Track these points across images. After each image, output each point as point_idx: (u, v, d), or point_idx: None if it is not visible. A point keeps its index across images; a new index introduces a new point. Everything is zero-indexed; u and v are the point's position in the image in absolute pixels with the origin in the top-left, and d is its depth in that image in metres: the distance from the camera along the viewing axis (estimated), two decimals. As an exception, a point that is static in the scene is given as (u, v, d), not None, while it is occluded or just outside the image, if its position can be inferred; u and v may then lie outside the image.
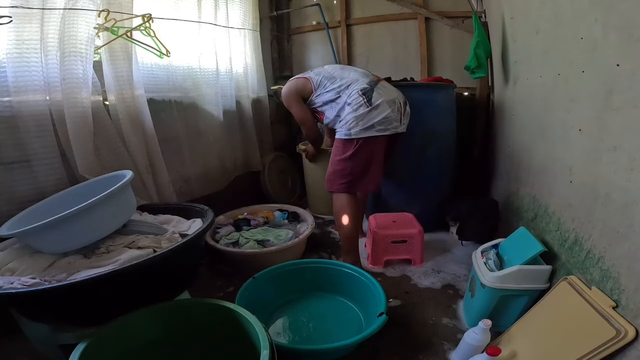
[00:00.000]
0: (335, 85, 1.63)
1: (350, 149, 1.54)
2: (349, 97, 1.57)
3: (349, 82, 1.61)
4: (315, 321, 1.34)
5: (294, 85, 1.75)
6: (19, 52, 1.21)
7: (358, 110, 1.52)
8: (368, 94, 1.53)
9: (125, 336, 0.93)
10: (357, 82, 1.59)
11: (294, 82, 1.76)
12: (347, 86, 1.60)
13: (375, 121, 1.51)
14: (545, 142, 1.40)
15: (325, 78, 1.68)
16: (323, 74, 1.69)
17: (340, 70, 1.70)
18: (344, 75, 1.65)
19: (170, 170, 1.79)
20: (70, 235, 1.00)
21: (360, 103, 1.52)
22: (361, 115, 1.51)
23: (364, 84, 1.57)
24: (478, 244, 1.44)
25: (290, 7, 2.80)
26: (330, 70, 1.70)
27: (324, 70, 1.73)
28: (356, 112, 1.52)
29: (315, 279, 1.45)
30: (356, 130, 1.51)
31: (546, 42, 1.38)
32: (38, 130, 1.28)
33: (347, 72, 1.67)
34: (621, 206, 0.88)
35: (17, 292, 0.83)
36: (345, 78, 1.63)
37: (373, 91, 1.55)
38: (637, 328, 0.78)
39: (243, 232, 1.80)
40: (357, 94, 1.54)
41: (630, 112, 0.86)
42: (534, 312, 1.10)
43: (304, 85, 1.73)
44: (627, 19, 0.86)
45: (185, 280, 1.20)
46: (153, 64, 1.72)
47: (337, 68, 1.73)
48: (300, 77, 1.77)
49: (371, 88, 1.56)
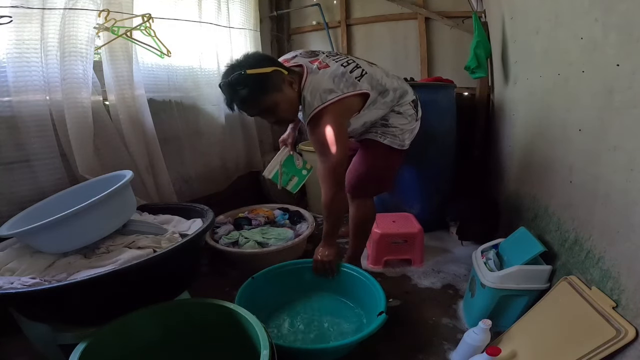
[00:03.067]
0: (389, 99, 1.33)
1: (400, 158, 1.47)
2: (399, 106, 1.37)
3: (401, 94, 1.37)
4: (315, 321, 1.34)
5: (349, 109, 1.23)
6: (19, 52, 1.21)
7: (412, 123, 1.42)
8: (417, 107, 1.45)
9: (125, 336, 0.93)
10: (407, 94, 1.40)
11: (348, 103, 1.20)
12: (399, 97, 1.37)
13: (415, 133, 1.47)
14: (545, 142, 1.40)
15: (377, 92, 1.28)
16: (376, 87, 1.27)
17: (386, 77, 1.34)
18: (393, 84, 1.35)
19: (170, 170, 1.79)
20: (70, 235, 1.00)
21: (413, 116, 1.41)
22: (413, 128, 1.44)
23: (413, 96, 1.44)
24: (478, 244, 1.44)
25: (290, 7, 2.80)
26: (379, 79, 1.29)
27: (373, 79, 1.27)
28: (410, 124, 1.41)
29: (315, 278, 1.45)
30: (409, 142, 1.44)
31: (546, 42, 1.38)
32: (38, 130, 1.28)
33: (392, 78, 1.38)
34: (621, 206, 0.88)
35: (17, 292, 0.83)
36: (397, 89, 1.35)
37: (418, 105, 1.47)
38: (637, 328, 0.78)
39: (243, 231, 1.80)
40: (408, 105, 1.40)
41: (630, 112, 0.86)
42: (534, 312, 1.10)
43: (358, 106, 1.26)
44: (627, 19, 0.86)
45: (185, 280, 1.20)
46: (153, 64, 1.72)
47: (381, 73, 1.33)
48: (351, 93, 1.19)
49: (417, 100, 1.47)
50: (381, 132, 1.40)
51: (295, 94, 1.21)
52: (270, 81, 1.14)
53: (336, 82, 1.18)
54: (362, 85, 1.22)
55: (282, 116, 1.23)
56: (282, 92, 1.17)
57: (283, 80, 1.17)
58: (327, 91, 1.16)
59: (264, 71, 1.12)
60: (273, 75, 1.14)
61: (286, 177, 1.60)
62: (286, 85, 1.18)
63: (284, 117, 1.25)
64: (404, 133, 1.41)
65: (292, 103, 1.21)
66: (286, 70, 1.18)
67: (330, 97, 1.16)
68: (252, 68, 1.11)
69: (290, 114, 1.26)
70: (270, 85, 1.14)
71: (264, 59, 1.19)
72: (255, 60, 1.15)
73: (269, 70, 1.13)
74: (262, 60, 1.16)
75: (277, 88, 1.15)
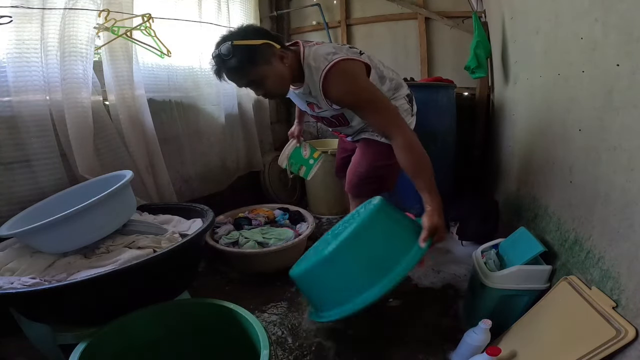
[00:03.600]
0: (385, 89, 1.31)
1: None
2: (394, 100, 1.34)
3: (396, 85, 1.35)
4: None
5: (361, 67, 1.19)
6: (19, 52, 1.21)
7: (407, 119, 1.34)
8: (412, 102, 1.41)
9: (125, 336, 0.93)
10: (402, 87, 1.38)
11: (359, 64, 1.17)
12: (395, 89, 1.35)
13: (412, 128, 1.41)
14: (545, 142, 1.40)
15: (377, 74, 1.26)
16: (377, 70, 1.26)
17: (382, 66, 1.33)
18: (390, 74, 1.34)
19: (170, 170, 1.79)
20: (70, 235, 1.00)
21: (408, 110, 1.38)
22: (409, 123, 1.35)
23: (407, 90, 1.40)
24: (478, 244, 1.44)
25: (290, 7, 2.80)
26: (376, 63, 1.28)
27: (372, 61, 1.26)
28: (405, 119, 1.30)
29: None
30: None
31: (546, 42, 1.38)
32: (38, 130, 1.28)
33: (389, 70, 1.36)
34: (621, 206, 0.88)
35: (17, 292, 0.83)
36: (393, 79, 1.35)
37: (413, 99, 1.43)
38: (637, 328, 0.78)
39: (243, 231, 1.80)
40: (403, 99, 1.36)
41: (630, 112, 0.86)
42: (534, 312, 1.10)
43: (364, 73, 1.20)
44: (627, 19, 0.86)
45: (185, 280, 1.20)
46: (153, 64, 1.72)
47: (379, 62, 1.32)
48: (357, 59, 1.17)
49: (411, 94, 1.42)
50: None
51: (287, 69, 1.17)
52: (259, 53, 1.10)
53: (337, 49, 1.17)
54: (364, 58, 1.20)
55: (270, 89, 1.18)
56: (271, 65, 1.13)
57: (274, 54, 1.13)
58: (331, 53, 1.13)
59: (252, 43, 1.09)
60: (262, 47, 1.10)
61: (295, 167, 1.75)
62: (276, 59, 1.14)
63: (272, 91, 1.20)
64: None
65: (282, 77, 1.17)
66: (279, 45, 1.15)
67: (336, 57, 1.12)
68: (242, 39, 1.09)
69: (278, 88, 1.20)
70: (258, 57, 1.10)
71: (256, 31, 1.16)
72: (245, 32, 1.13)
73: (259, 43, 1.10)
74: (253, 33, 1.14)
75: (266, 61, 1.12)
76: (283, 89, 1.23)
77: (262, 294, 1.55)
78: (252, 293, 1.56)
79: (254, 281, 1.65)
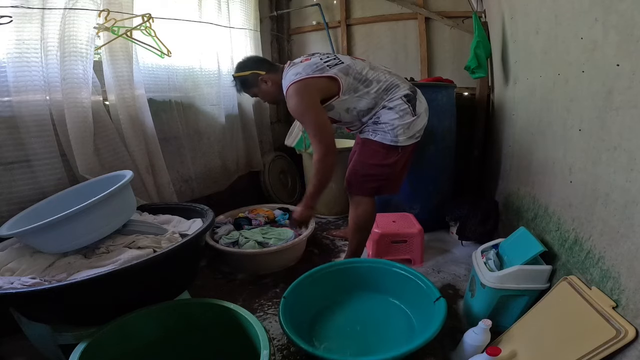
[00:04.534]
0: (373, 90, 1.41)
1: (394, 156, 1.44)
2: (389, 101, 1.42)
3: (388, 86, 1.43)
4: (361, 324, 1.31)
5: (313, 84, 1.37)
6: (19, 52, 1.21)
7: (404, 118, 1.40)
8: (412, 102, 1.43)
9: (125, 336, 0.93)
10: (398, 88, 1.43)
11: (312, 81, 1.37)
12: (385, 90, 1.43)
13: (416, 130, 1.45)
14: (545, 142, 1.39)
15: (357, 80, 1.41)
16: (353, 74, 1.41)
17: (371, 70, 1.45)
18: (379, 75, 1.44)
19: (170, 170, 1.79)
20: (70, 235, 1.00)
21: (405, 110, 1.41)
22: (408, 123, 1.41)
23: (406, 90, 1.44)
24: (478, 244, 1.44)
25: (290, 7, 2.80)
26: (360, 70, 1.43)
27: (351, 69, 1.41)
28: (402, 119, 1.40)
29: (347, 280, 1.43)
30: (404, 138, 1.41)
31: (546, 42, 1.38)
32: (38, 130, 1.28)
33: (381, 72, 1.46)
34: (621, 206, 0.88)
35: (17, 292, 0.83)
36: (382, 80, 1.43)
37: (416, 99, 1.45)
38: (637, 328, 0.78)
39: (243, 231, 1.80)
40: (400, 100, 1.41)
41: (630, 112, 0.86)
42: (534, 312, 1.10)
43: (327, 86, 1.39)
44: (627, 19, 0.86)
45: (185, 280, 1.20)
46: (153, 64, 1.72)
47: (365, 66, 1.45)
48: (318, 75, 1.37)
49: (414, 95, 1.45)
50: (372, 130, 1.46)
51: (271, 88, 1.53)
52: (248, 81, 1.56)
53: (304, 68, 1.40)
54: (331, 71, 1.40)
55: (265, 100, 1.66)
56: (259, 87, 1.55)
57: (259, 79, 1.53)
58: (293, 74, 1.40)
59: (242, 74, 1.55)
60: (250, 76, 1.54)
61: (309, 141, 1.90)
62: (261, 82, 1.53)
63: (266, 101, 1.67)
64: (396, 129, 1.40)
65: (268, 93, 1.56)
66: (265, 71, 1.53)
67: (295, 78, 1.38)
68: (238, 72, 1.57)
69: (270, 100, 1.62)
70: (248, 84, 1.57)
71: (246, 65, 1.57)
72: (240, 66, 1.59)
73: (247, 74, 1.54)
74: (245, 66, 1.57)
75: (254, 85, 1.55)
76: (273, 99, 1.60)
77: (262, 294, 1.55)
78: (252, 293, 1.56)
79: (254, 281, 1.65)
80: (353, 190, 1.54)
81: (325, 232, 2.18)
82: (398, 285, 1.38)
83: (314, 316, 1.32)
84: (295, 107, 1.38)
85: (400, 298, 1.39)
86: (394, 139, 1.42)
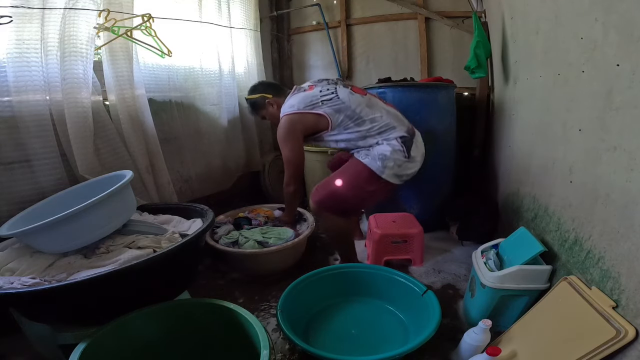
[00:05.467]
0: (363, 129, 1.45)
1: (375, 185, 1.45)
2: (384, 140, 1.45)
3: (381, 127, 1.46)
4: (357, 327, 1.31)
5: (300, 121, 1.47)
6: (19, 52, 1.21)
7: (396, 154, 1.43)
8: (407, 144, 1.45)
9: (125, 336, 0.93)
10: (394, 130, 1.46)
11: (300, 117, 1.47)
12: (379, 132, 1.46)
13: (405, 173, 1.46)
14: (545, 142, 1.39)
15: (349, 118, 1.46)
16: (345, 112, 1.45)
17: (367, 108, 1.47)
18: (375, 116, 1.46)
19: (170, 170, 1.79)
20: (70, 235, 1.00)
21: (398, 149, 1.43)
22: (399, 161, 1.43)
23: (403, 132, 1.46)
24: (478, 244, 1.44)
25: (290, 7, 2.80)
26: (354, 108, 1.46)
27: (345, 106, 1.46)
28: (394, 154, 1.42)
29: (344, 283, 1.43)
30: (390, 172, 1.43)
31: (546, 42, 1.38)
32: (38, 130, 1.28)
33: (378, 111, 1.48)
34: (621, 206, 0.88)
35: (17, 292, 0.83)
36: (377, 121, 1.46)
37: (412, 143, 1.48)
38: (637, 328, 0.78)
39: (243, 231, 1.80)
40: (395, 140, 1.44)
41: (630, 112, 0.86)
42: (534, 312, 1.10)
43: (315, 123, 1.48)
44: (627, 19, 0.86)
45: (185, 280, 1.20)
46: (154, 63, 1.72)
47: (362, 104, 1.48)
48: (307, 111, 1.46)
49: (410, 138, 1.48)
50: (365, 153, 1.49)
51: (276, 111, 1.64)
52: (256, 104, 1.71)
53: (299, 101, 1.51)
54: (321, 108, 1.48)
55: (272, 122, 1.72)
56: (265, 109, 1.70)
57: (267, 103, 1.67)
58: (288, 106, 1.53)
59: (252, 97, 1.72)
60: (258, 99, 1.69)
61: None
62: (268, 105, 1.68)
63: (273, 123, 1.71)
64: (386, 160, 1.42)
65: (274, 116, 1.67)
66: (272, 95, 1.67)
67: (288, 110, 1.51)
68: (249, 94, 1.74)
69: (275, 122, 1.65)
70: (257, 106, 1.72)
71: (256, 88, 1.73)
72: (251, 89, 1.75)
73: (256, 97, 1.69)
74: (255, 89, 1.73)
75: (262, 107, 1.70)
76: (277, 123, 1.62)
77: (262, 294, 1.55)
78: (252, 293, 1.56)
79: (254, 281, 1.65)
80: (318, 207, 1.48)
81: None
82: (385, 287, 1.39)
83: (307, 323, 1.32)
84: (279, 136, 1.53)
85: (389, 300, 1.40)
86: (380, 168, 1.43)
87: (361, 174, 1.45)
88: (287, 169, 1.55)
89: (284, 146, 1.52)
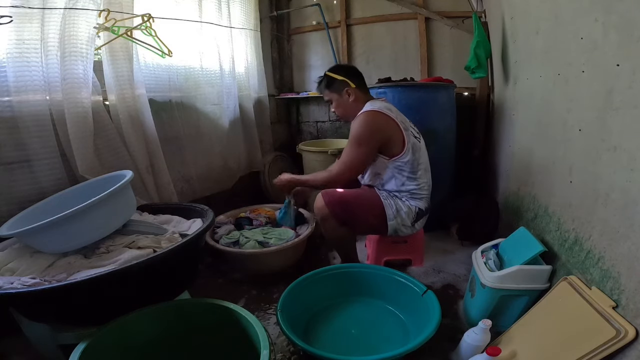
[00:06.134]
0: (409, 183, 1.48)
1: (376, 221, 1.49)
2: (409, 199, 1.49)
3: (417, 194, 1.50)
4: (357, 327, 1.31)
5: (389, 126, 1.42)
6: (19, 52, 1.21)
7: (408, 217, 1.48)
8: (419, 217, 1.52)
9: (125, 336, 0.93)
10: (421, 201, 1.51)
11: (391, 125, 1.42)
12: (412, 195, 1.50)
13: (399, 232, 1.51)
14: (546, 142, 1.39)
15: (411, 164, 1.45)
16: (417, 158, 1.46)
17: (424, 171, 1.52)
18: (423, 182, 1.51)
19: (171, 170, 1.79)
20: (70, 235, 1.00)
21: (412, 215, 1.49)
22: (405, 221, 1.49)
23: (426, 205, 1.53)
24: (478, 244, 1.44)
25: (290, 7, 2.80)
26: (421, 162, 1.50)
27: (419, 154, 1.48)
28: (407, 215, 1.48)
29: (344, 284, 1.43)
30: (392, 223, 1.48)
31: (546, 42, 1.38)
32: (38, 130, 1.28)
33: (427, 178, 1.54)
34: (621, 206, 0.88)
35: (17, 292, 0.83)
36: (420, 187, 1.50)
37: (423, 217, 1.54)
38: (637, 328, 0.78)
39: (244, 231, 1.80)
40: (416, 207, 1.50)
41: (630, 112, 0.86)
42: (534, 312, 1.10)
43: (391, 137, 1.43)
44: (627, 19, 0.86)
45: (185, 280, 1.20)
46: (154, 63, 1.72)
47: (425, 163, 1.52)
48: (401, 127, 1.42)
49: (424, 214, 1.54)
50: (386, 195, 1.51)
51: (349, 103, 1.53)
52: (335, 84, 1.54)
53: (397, 112, 1.47)
54: (408, 136, 1.44)
55: (337, 110, 1.59)
56: (339, 94, 1.54)
57: (344, 88, 1.52)
58: (384, 107, 1.44)
59: (335, 76, 1.54)
60: (339, 81, 1.53)
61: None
62: (344, 93, 1.53)
63: (337, 112, 1.59)
64: (398, 215, 1.47)
65: (344, 105, 1.55)
66: (355, 85, 1.52)
67: (372, 107, 1.44)
68: (332, 71, 1.56)
69: (341, 112, 1.58)
70: (333, 86, 1.54)
71: (343, 69, 1.58)
72: (337, 67, 1.62)
73: (338, 78, 1.53)
74: (341, 69, 1.57)
75: (337, 90, 1.54)
76: (344, 113, 1.57)
77: (263, 294, 1.55)
78: (252, 293, 1.56)
79: (254, 281, 1.65)
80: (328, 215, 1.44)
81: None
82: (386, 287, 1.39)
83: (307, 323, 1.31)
84: (353, 131, 1.43)
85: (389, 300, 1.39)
86: (391, 216, 1.47)
87: (375, 207, 1.48)
88: (344, 167, 1.44)
89: (355, 146, 1.41)
